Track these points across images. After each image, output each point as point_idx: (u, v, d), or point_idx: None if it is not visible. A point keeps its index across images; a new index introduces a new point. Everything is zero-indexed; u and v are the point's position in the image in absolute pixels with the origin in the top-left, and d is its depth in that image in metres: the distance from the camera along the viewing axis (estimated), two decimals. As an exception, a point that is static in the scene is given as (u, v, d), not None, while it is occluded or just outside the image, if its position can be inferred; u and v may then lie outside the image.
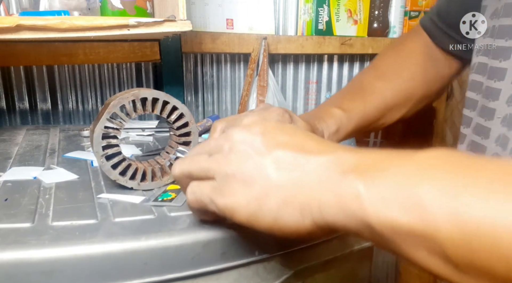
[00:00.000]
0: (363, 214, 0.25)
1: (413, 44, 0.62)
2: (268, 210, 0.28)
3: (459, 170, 0.23)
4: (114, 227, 0.36)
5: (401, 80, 0.59)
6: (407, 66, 0.61)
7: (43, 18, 0.64)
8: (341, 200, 0.26)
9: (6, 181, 0.47)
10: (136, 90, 0.42)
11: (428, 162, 0.24)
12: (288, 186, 0.28)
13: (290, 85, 1.25)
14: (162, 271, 0.35)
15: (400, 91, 0.59)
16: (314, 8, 1.14)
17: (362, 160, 0.27)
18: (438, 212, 0.22)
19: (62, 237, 0.34)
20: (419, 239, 0.23)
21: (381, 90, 0.57)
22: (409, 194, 0.23)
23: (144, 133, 0.74)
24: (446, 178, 0.23)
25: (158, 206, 0.41)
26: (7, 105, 1.00)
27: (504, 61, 0.47)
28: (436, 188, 0.22)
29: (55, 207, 0.40)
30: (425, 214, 0.22)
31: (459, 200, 0.21)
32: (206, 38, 1.06)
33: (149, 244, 0.35)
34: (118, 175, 0.43)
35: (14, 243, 0.33)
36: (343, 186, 0.26)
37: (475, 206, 0.21)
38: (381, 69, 0.61)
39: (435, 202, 0.22)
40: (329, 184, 0.27)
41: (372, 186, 0.25)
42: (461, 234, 0.21)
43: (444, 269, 0.22)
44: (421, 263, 0.23)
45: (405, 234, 0.23)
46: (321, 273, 0.45)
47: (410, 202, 0.23)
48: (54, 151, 0.60)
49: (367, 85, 0.58)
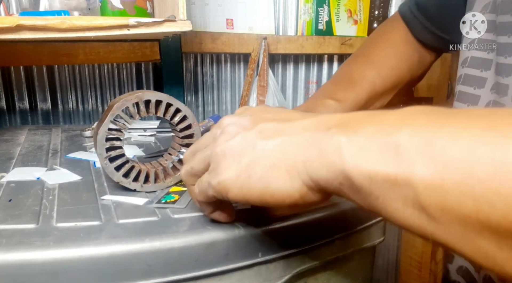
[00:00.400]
0: (343, 165, 0.24)
1: (395, 34, 0.64)
2: (256, 177, 0.29)
3: (435, 116, 0.23)
4: (118, 229, 0.37)
5: (388, 68, 0.61)
6: (393, 54, 0.62)
7: (43, 18, 0.64)
8: (324, 154, 0.26)
9: (9, 182, 0.47)
10: (140, 93, 0.42)
11: (407, 112, 0.24)
12: (274, 151, 0.29)
13: (290, 85, 1.26)
14: (166, 273, 0.35)
15: (388, 78, 0.60)
16: (314, 8, 1.14)
17: (344, 118, 0.27)
18: (413, 156, 0.21)
19: (67, 238, 0.35)
20: (394, 187, 0.22)
21: (371, 79, 0.59)
22: (386, 141, 0.23)
23: (146, 134, 0.74)
24: (423, 123, 0.23)
25: (162, 208, 0.41)
26: (7, 105, 1.00)
27: (491, 53, 0.48)
28: (413, 133, 0.22)
29: (59, 208, 0.40)
30: (401, 159, 0.22)
31: (434, 143, 0.21)
32: (206, 38, 1.06)
33: (153, 246, 0.35)
34: (122, 177, 0.44)
35: (19, 244, 0.33)
36: (326, 140, 0.26)
37: (448, 145, 0.21)
38: (368, 58, 0.62)
39: (410, 146, 0.22)
40: (313, 141, 0.27)
41: (353, 136, 0.25)
42: (434, 176, 0.21)
43: (417, 219, 0.22)
44: (396, 215, 0.23)
45: (381, 182, 0.23)
46: (323, 273, 0.46)
47: (387, 149, 0.23)
48: (56, 151, 0.60)
49: (356, 75, 0.60)
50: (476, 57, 0.51)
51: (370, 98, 0.59)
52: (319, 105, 0.55)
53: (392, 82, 0.61)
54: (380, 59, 0.62)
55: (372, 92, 0.59)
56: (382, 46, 0.64)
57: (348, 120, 0.27)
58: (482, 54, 0.51)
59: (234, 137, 0.31)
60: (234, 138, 0.30)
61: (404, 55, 0.62)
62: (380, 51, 0.63)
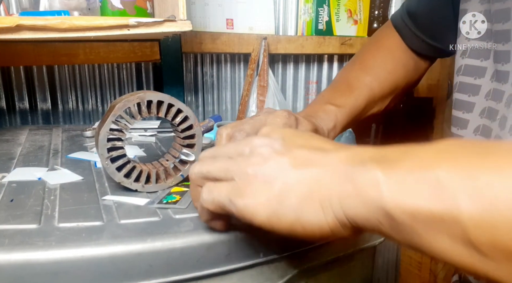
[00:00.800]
0: (382, 201, 0.24)
1: (391, 41, 0.64)
2: (289, 207, 0.28)
3: (474, 151, 0.23)
4: (119, 229, 0.37)
5: (385, 74, 0.61)
6: (389, 60, 0.63)
7: (43, 18, 0.64)
8: (360, 190, 0.25)
9: (11, 182, 0.47)
10: (142, 93, 0.42)
11: (443, 148, 0.24)
12: (308, 182, 0.28)
13: (290, 85, 1.26)
14: (167, 273, 0.35)
15: (385, 83, 0.61)
16: (314, 8, 1.14)
17: (379, 152, 0.27)
18: (458, 193, 0.21)
19: (69, 238, 0.35)
20: (440, 224, 0.22)
21: (368, 84, 0.59)
22: (427, 178, 0.23)
23: (146, 134, 0.74)
24: (462, 159, 0.22)
25: (163, 208, 0.41)
26: (7, 105, 1.00)
27: (485, 60, 0.49)
28: (453, 170, 0.22)
29: (60, 208, 0.40)
30: (445, 196, 0.21)
31: (477, 178, 0.21)
32: (206, 38, 1.06)
33: (154, 246, 0.35)
34: (123, 177, 0.44)
35: (21, 244, 0.33)
36: (362, 175, 0.25)
37: (494, 182, 0.20)
38: (365, 64, 0.63)
39: (453, 183, 0.21)
40: (348, 175, 0.26)
41: (391, 172, 0.24)
42: (483, 213, 0.20)
43: (467, 257, 0.21)
44: (444, 253, 0.22)
45: (425, 220, 0.22)
46: (324, 273, 0.46)
47: (429, 186, 0.22)
48: (57, 152, 0.60)
49: (354, 80, 0.60)
50: (470, 65, 0.52)
51: (368, 103, 0.59)
52: (320, 110, 0.55)
53: (389, 87, 0.61)
54: (377, 65, 0.62)
55: (371, 97, 0.59)
56: (378, 52, 0.65)
57: (383, 155, 0.26)
58: (476, 62, 0.51)
59: (267, 161, 0.30)
60: (267, 162, 0.30)
61: (400, 60, 0.63)
62: (376, 57, 0.64)
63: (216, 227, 0.36)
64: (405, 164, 0.24)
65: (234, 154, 0.33)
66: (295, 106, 1.28)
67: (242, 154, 0.32)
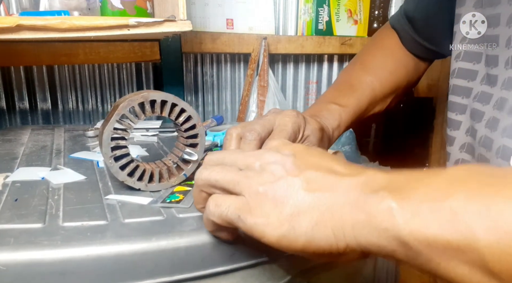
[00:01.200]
0: (397, 230, 0.24)
1: (391, 42, 0.65)
2: (300, 231, 0.28)
3: (487, 179, 0.23)
4: (124, 228, 0.37)
5: (387, 74, 0.62)
6: (390, 61, 0.64)
7: (43, 18, 0.64)
8: (374, 218, 0.25)
9: (14, 181, 0.47)
10: (145, 93, 0.42)
11: (456, 176, 0.24)
12: (321, 207, 0.28)
13: (290, 85, 1.26)
14: (172, 272, 0.35)
15: (387, 83, 0.62)
16: (314, 8, 1.15)
17: (391, 179, 0.27)
18: (473, 223, 0.21)
19: (74, 237, 0.35)
20: (458, 253, 0.22)
21: (370, 84, 0.60)
22: (441, 207, 0.23)
23: (148, 134, 0.74)
24: (476, 188, 0.23)
25: (166, 207, 0.41)
26: (7, 105, 1.00)
27: (477, 63, 0.50)
28: (468, 199, 0.22)
29: (64, 208, 0.40)
30: (461, 225, 0.22)
31: (493, 207, 0.21)
32: (206, 38, 1.06)
33: (159, 245, 0.35)
34: (126, 176, 0.44)
35: (27, 244, 0.33)
36: (375, 204, 0.26)
37: (506, 210, 0.21)
38: (367, 64, 0.64)
39: (468, 212, 0.22)
40: (361, 203, 0.26)
41: (404, 202, 0.24)
42: (499, 241, 0.20)
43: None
44: (463, 280, 0.23)
45: (443, 249, 0.22)
46: (326, 273, 0.46)
47: (444, 215, 0.22)
48: (60, 151, 0.60)
49: (356, 81, 0.61)
50: (463, 68, 0.53)
51: (370, 103, 0.60)
52: (324, 110, 0.55)
53: (390, 87, 0.62)
54: (378, 65, 0.63)
55: (372, 97, 0.60)
56: (379, 52, 0.65)
57: (395, 183, 0.26)
58: (469, 66, 0.52)
59: (278, 180, 0.29)
60: (278, 182, 0.29)
61: (401, 61, 0.64)
62: (377, 57, 0.65)
63: (222, 237, 0.36)
64: (418, 192, 0.24)
65: (243, 165, 0.32)
66: (295, 106, 1.28)
67: (252, 168, 0.31)
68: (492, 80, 0.48)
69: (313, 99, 1.28)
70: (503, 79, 0.45)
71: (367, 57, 0.65)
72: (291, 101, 1.27)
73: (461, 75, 0.53)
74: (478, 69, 0.51)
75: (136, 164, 0.44)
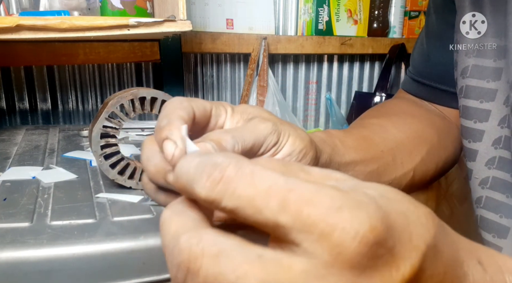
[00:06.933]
0: None
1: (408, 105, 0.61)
2: None
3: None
4: (112, 226, 0.36)
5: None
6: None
7: (43, 18, 0.64)
8: None
9: (5, 181, 0.46)
10: (135, 90, 0.42)
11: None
12: None
13: (290, 85, 1.25)
14: (161, 271, 0.35)
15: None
16: (314, 8, 1.14)
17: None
18: None
19: (61, 236, 0.34)
20: None
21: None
22: None
23: (143, 133, 0.74)
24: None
25: (157, 205, 0.41)
26: (7, 105, 1.00)
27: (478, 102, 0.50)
28: None
29: (53, 207, 0.40)
30: None
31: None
32: (206, 38, 1.06)
33: (147, 244, 0.34)
34: (117, 174, 0.43)
35: (12, 243, 0.33)
36: None
37: None
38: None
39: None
40: None
41: None
42: None
43: None
44: None
45: None
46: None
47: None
48: (53, 151, 0.60)
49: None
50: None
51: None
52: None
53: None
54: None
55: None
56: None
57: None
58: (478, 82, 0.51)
59: None
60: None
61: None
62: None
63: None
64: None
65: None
66: (295, 106, 1.27)
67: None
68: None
69: (313, 100, 1.28)
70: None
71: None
72: (291, 101, 1.26)
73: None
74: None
75: (127, 161, 0.44)
